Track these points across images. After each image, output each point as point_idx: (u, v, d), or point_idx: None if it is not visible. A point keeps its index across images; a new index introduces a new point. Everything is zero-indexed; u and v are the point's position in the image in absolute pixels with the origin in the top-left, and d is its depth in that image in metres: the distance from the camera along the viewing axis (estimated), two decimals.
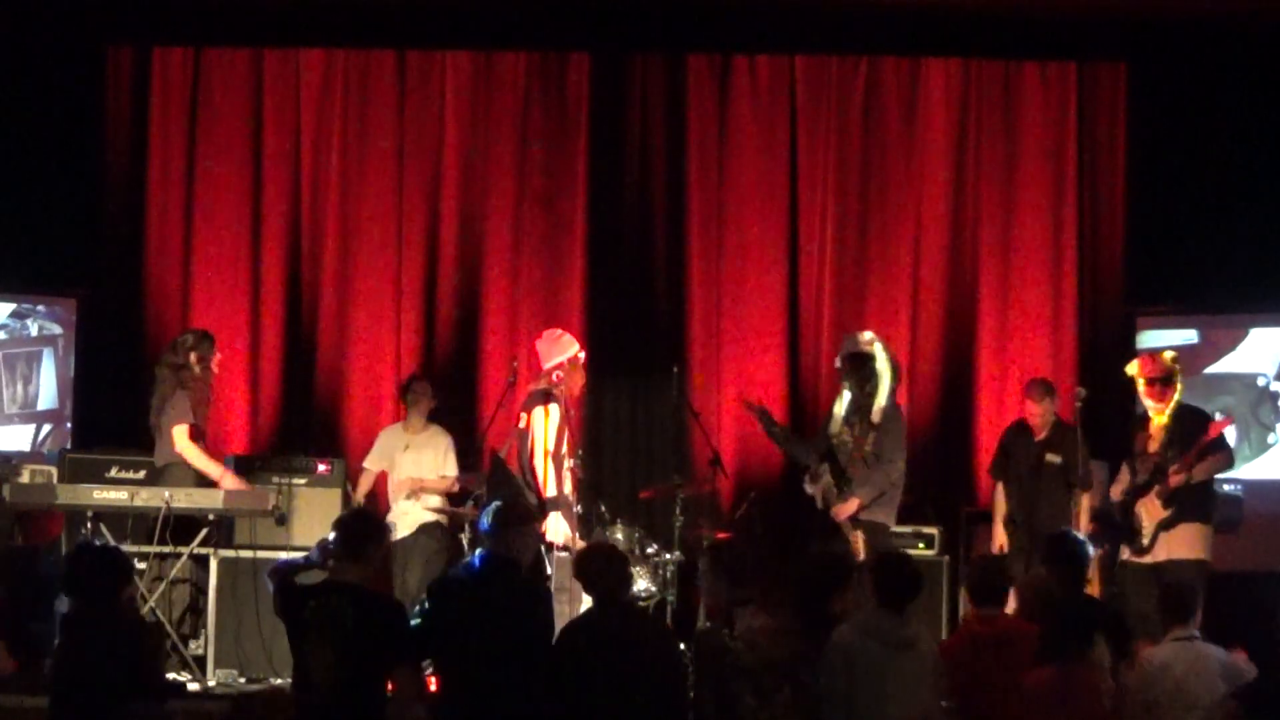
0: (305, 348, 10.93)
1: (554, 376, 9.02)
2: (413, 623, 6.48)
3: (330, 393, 10.87)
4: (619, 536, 9.20)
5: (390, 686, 6.48)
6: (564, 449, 8.93)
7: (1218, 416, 9.09)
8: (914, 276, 10.90)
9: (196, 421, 9.01)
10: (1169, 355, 9.16)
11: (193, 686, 8.69)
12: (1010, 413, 10.18)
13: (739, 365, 10.82)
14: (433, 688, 6.82)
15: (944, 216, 10.92)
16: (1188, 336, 10.54)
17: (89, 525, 8.85)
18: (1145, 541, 8.78)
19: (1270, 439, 10.47)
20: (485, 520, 6.71)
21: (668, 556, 9.35)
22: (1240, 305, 10.59)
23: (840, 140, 10.94)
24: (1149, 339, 10.55)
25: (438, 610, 6.55)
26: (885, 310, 10.86)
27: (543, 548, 8.44)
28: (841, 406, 9.07)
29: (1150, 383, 9.02)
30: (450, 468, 9.79)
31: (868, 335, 9.23)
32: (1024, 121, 10.92)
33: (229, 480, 9.01)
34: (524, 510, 7.05)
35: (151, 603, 8.78)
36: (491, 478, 9.09)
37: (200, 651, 9.09)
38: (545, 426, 8.88)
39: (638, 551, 9.21)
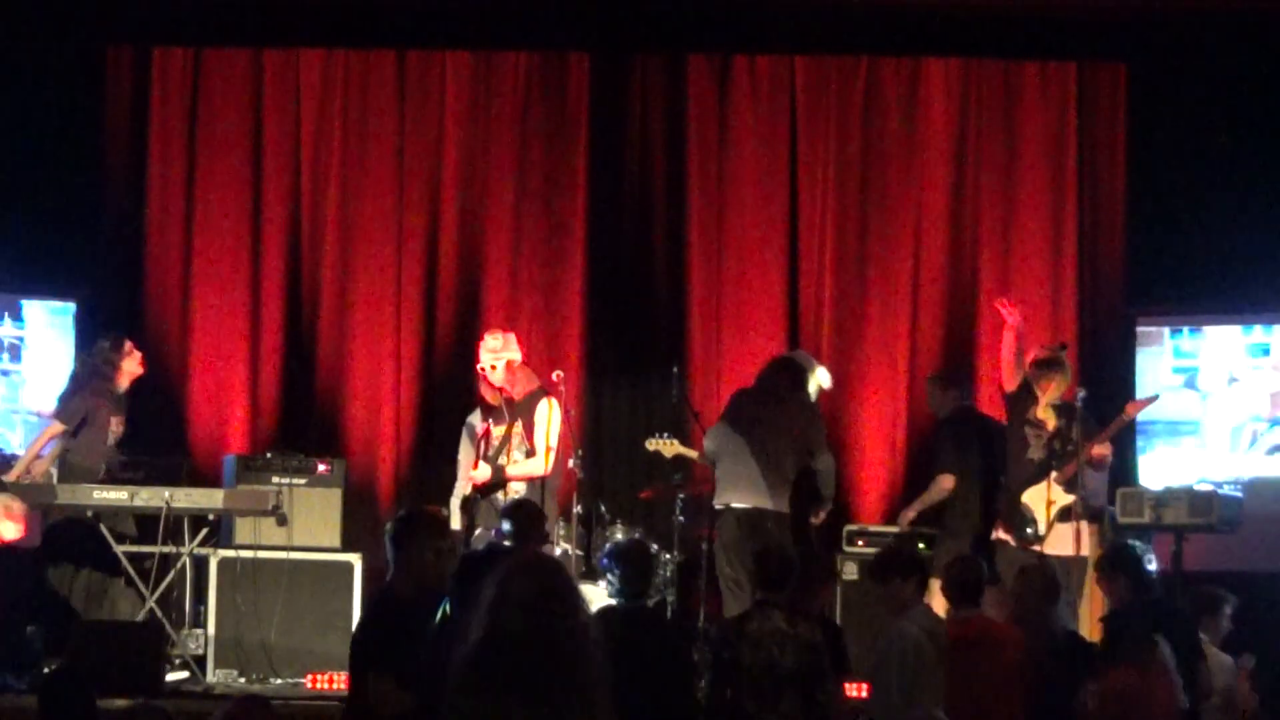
0: (305, 348, 10.90)
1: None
2: None
3: (330, 393, 10.85)
4: (618, 537, 9.20)
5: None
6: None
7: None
8: (914, 276, 10.88)
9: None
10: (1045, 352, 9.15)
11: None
12: None
13: (739, 365, 10.80)
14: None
15: (944, 216, 10.91)
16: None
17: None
18: (1041, 531, 8.76)
19: None
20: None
21: (667, 556, 9.35)
22: (1241, 305, 10.59)
23: (840, 140, 10.93)
24: (1147, 337, 10.60)
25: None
26: (885, 310, 10.86)
27: None
28: None
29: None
30: None
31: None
32: (1024, 121, 10.91)
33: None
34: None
35: (151, 603, 8.79)
36: None
37: (200, 651, 9.10)
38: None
39: None
